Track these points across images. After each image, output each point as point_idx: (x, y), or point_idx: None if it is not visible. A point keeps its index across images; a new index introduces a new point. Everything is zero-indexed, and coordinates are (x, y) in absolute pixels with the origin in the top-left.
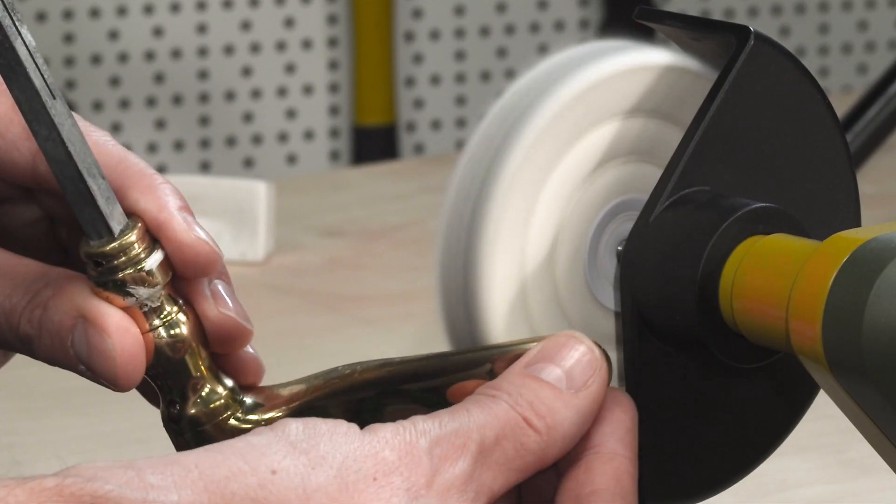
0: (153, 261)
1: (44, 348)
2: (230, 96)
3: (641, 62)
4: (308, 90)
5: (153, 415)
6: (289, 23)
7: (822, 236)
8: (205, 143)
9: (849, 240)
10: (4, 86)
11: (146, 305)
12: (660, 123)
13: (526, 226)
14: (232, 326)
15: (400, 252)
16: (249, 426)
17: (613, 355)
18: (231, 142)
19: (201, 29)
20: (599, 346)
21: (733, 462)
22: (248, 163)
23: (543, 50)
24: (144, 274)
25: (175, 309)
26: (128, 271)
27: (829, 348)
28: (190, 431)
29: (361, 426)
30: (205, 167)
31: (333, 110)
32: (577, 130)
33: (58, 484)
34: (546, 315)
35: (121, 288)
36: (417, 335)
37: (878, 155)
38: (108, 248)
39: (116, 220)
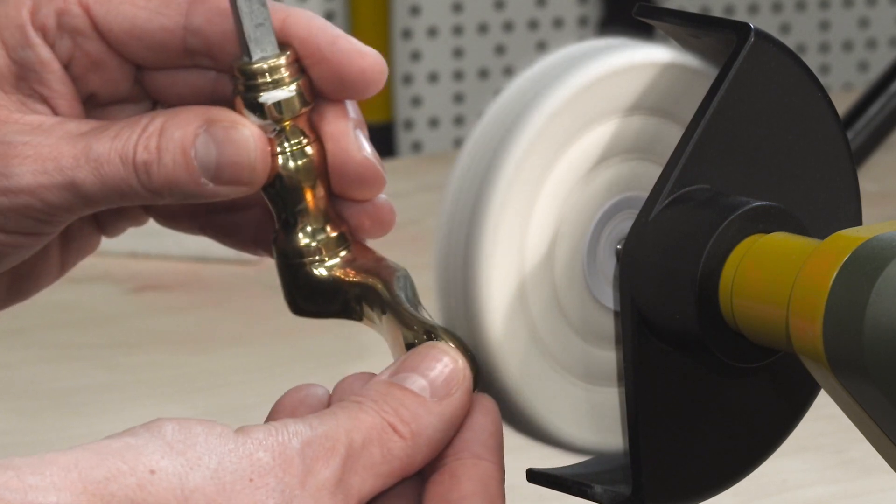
0: (294, 87)
1: (163, 171)
2: None
3: (641, 60)
4: None
5: (150, 415)
6: None
7: (822, 235)
8: None
9: (850, 238)
10: None
11: (275, 129)
12: (659, 121)
13: (525, 224)
14: (372, 170)
15: (398, 251)
16: (334, 275)
17: (610, 354)
18: None
19: None
20: (466, 354)
21: (733, 462)
22: None
23: (542, 47)
24: (285, 95)
25: (305, 140)
26: (263, 93)
27: (830, 347)
28: (291, 262)
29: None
30: None
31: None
32: (577, 128)
33: None
34: (545, 314)
35: (254, 107)
36: None
37: (879, 153)
38: (250, 67)
39: (265, 45)
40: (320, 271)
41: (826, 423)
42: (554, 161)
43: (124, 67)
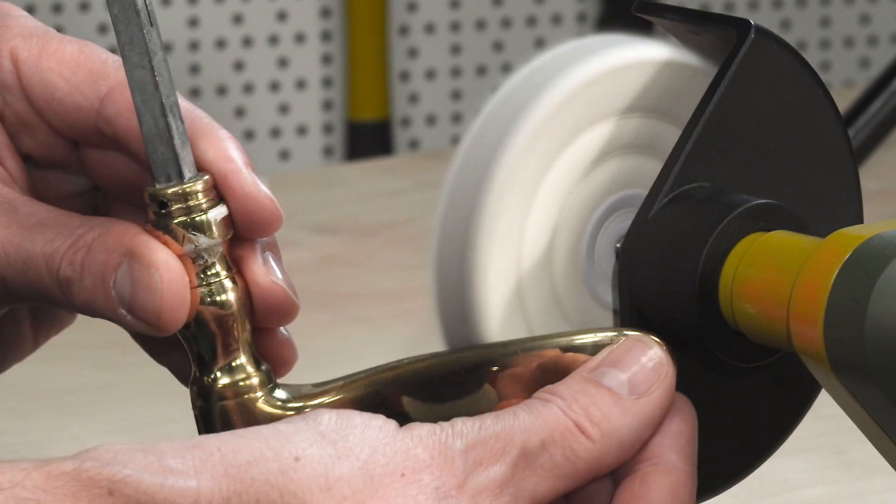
0: (216, 213)
1: (84, 291)
2: (222, 91)
3: (640, 57)
4: (301, 85)
5: (146, 415)
6: (281, 16)
7: (823, 233)
8: None
9: (851, 237)
10: (71, 37)
11: (200, 258)
12: (659, 118)
13: (523, 223)
14: (281, 297)
15: (394, 250)
16: (277, 411)
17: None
18: None
19: (192, 22)
20: (669, 350)
21: (734, 463)
22: None
23: (540, 44)
24: (205, 223)
25: (225, 274)
26: (190, 217)
27: (831, 347)
28: (216, 403)
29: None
30: None
31: (327, 105)
32: (576, 125)
33: (75, 468)
34: (544, 313)
35: (178, 234)
36: (412, 334)
37: (880, 150)
38: (175, 190)
39: (188, 165)
40: (273, 405)
41: (827, 423)
42: (552, 159)
43: (55, 134)
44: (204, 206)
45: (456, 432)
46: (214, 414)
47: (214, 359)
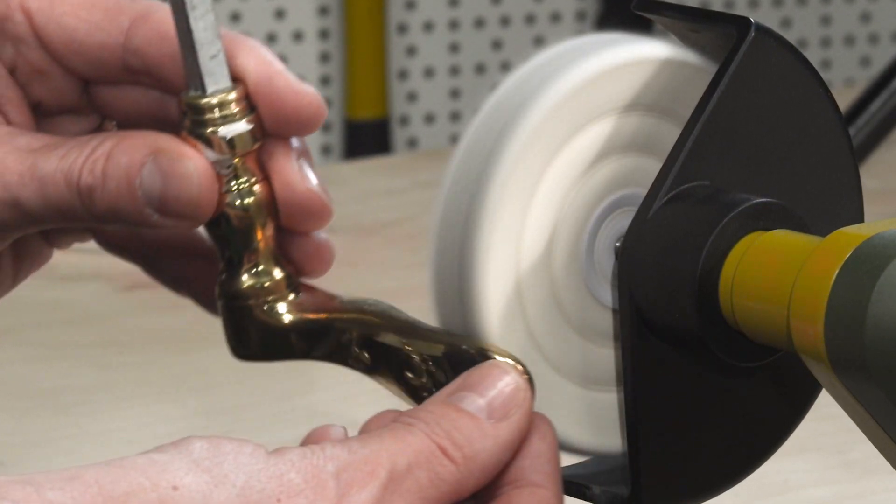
0: (245, 122)
1: (107, 196)
2: None
3: (639, 55)
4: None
5: (141, 415)
6: (279, 14)
7: (824, 232)
8: None
9: (851, 236)
10: None
11: (227, 166)
12: (659, 117)
13: (522, 222)
14: (317, 201)
15: (393, 249)
16: (293, 316)
17: (609, 353)
18: None
19: None
20: (526, 374)
21: (734, 463)
22: None
23: (539, 42)
24: (235, 132)
25: (253, 179)
26: (217, 128)
27: (832, 346)
28: (236, 303)
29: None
30: None
31: (325, 104)
32: (575, 124)
33: None
34: (542, 313)
35: (207, 142)
36: None
37: (881, 149)
38: (208, 99)
39: (222, 75)
40: (272, 313)
41: (828, 423)
42: (551, 158)
43: (69, 78)
44: (236, 115)
45: (327, 456)
46: (234, 314)
47: (238, 260)
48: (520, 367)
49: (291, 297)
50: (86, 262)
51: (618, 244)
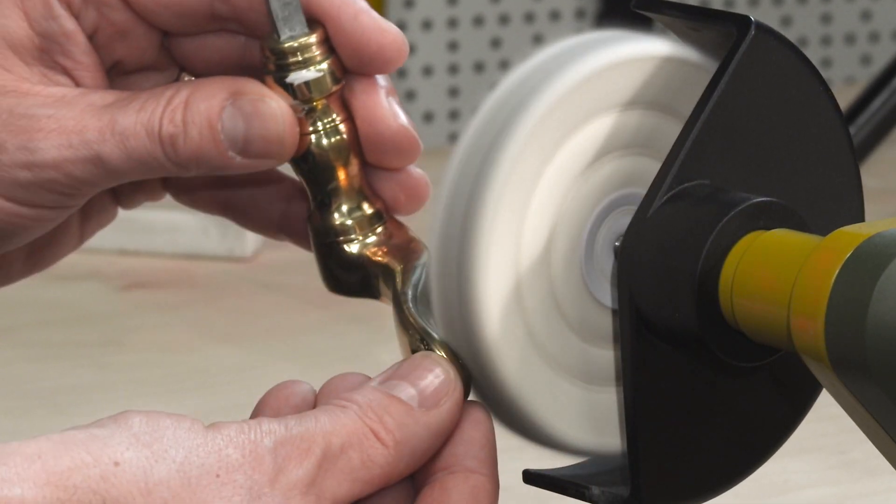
0: (325, 66)
1: (190, 143)
2: None
3: (639, 53)
4: None
5: None
6: None
7: (824, 231)
8: None
9: (852, 235)
10: None
11: (309, 109)
12: (658, 116)
13: (521, 221)
14: (407, 137)
15: None
16: (357, 254)
17: (609, 354)
18: None
19: None
20: (458, 365)
21: (734, 463)
22: None
23: (538, 40)
24: (315, 74)
25: (337, 118)
26: (296, 72)
27: (832, 346)
28: (325, 240)
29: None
30: None
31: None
32: (574, 123)
33: None
34: (541, 312)
35: (287, 86)
36: None
37: (882, 148)
38: (281, 46)
39: (294, 23)
40: (353, 249)
41: (828, 423)
42: (550, 157)
43: (151, 35)
44: (315, 58)
45: (264, 431)
46: (323, 250)
47: (324, 198)
48: (451, 359)
49: (379, 231)
50: (83, 261)
51: (617, 243)
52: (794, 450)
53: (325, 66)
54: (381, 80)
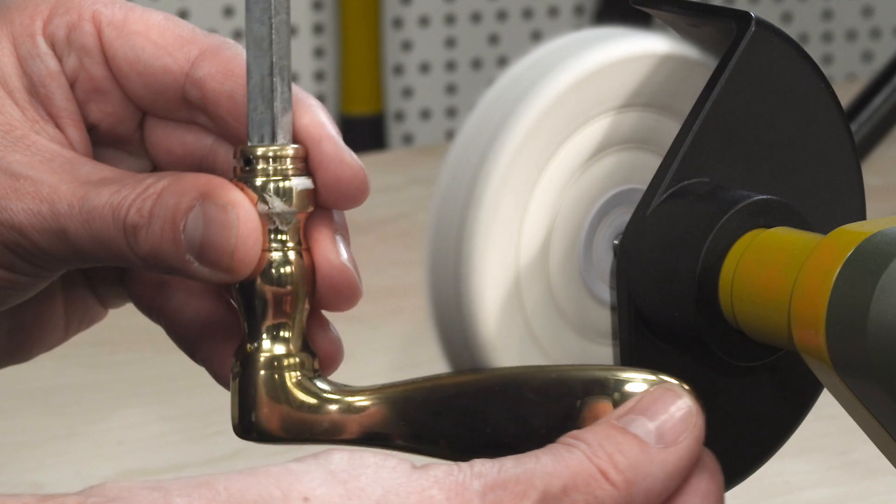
0: (300, 182)
1: (151, 238)
2: None
3: (639, 50)
4: (293, 78)
5: (133, 415)
6: None
7: (825, 230)
8: None
9: (853, 233)
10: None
11: (273, 222)
12: (658, 113)
13: (519, 218)
14: (348, 279)
15: (388, 246)
16: (311, 398)
17: (607, 351)
18: None
19: (182, 15)
20: (698, 400)
21: (734, 464)
22: None
23: (537, 37)
24: (287, 189)
25: (295, 246)
26: (273, 178)
27: (833, 345)
28: (254, 372)
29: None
30: None
31: (319, 99)
32: (573, 120)
33: (80, 503)
34: (540, 310)
35: (258, 193)
36: (406, 333)
37: (883, 145)
38: (265, 150)
39: (285, 130)
40: (309, 389)
41: (829, 423)
42: (549, 154)
43: (126, 106)
44: (290, 172)
45: (474, 473)
46: (250, 382)
47: (263, 328)
48: (690, 390)
49: (317, 380)
50: None
51: (616, 242)
52: (795, 450)
53: (304, 183)
54: (337, 214)
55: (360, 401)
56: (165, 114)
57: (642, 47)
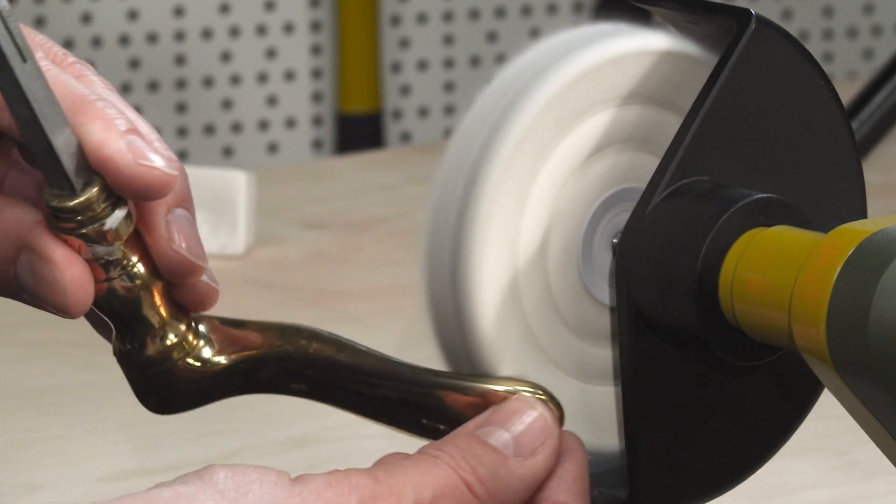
0: (114, 219)
1: None
2: (208, 82)
3: (638, 47)
4: (290, 76)
5: (127, 415)
6: (270, 6)
7: (826, 228)
8: (182, 132)
9: (854, 232)
10: None
11: (102, 258)
12: (657, 110)
13: (517, 218)
14: (183, 263)
15: (385, 245)
16: (200, 366)
17: (606, 352)
18: (209, 130)
19: (178, 12)
20: (555, 404)
21: (734, 464)
22: (228, 152)
23: (535, 34)
24: (103, 232)
25: (135, 259)
26: (89, 227)
27: (834, 345)
28: (153, 370)
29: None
30: (182, 156)
31: (316, 97)
32: (571, 118)
33: None
34: (538, 310)
35: (76, 244)
36: (403, 332)
37: (884, 144)
38: (69, 204)
39: (80, 174)
40: (200, 363)
41: (830, 423)
42: (547, 152)
43: None
44: (101, 213)
45: (352, 485)
46: (153, 380)
47: (135, 332)
48: (547, 397)
49: (203, 341)
50: None
51: (615, 240)
52: (795, 450)
53: (117, 215)
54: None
55: (225, 361)
56: None
57: (642, 44)
